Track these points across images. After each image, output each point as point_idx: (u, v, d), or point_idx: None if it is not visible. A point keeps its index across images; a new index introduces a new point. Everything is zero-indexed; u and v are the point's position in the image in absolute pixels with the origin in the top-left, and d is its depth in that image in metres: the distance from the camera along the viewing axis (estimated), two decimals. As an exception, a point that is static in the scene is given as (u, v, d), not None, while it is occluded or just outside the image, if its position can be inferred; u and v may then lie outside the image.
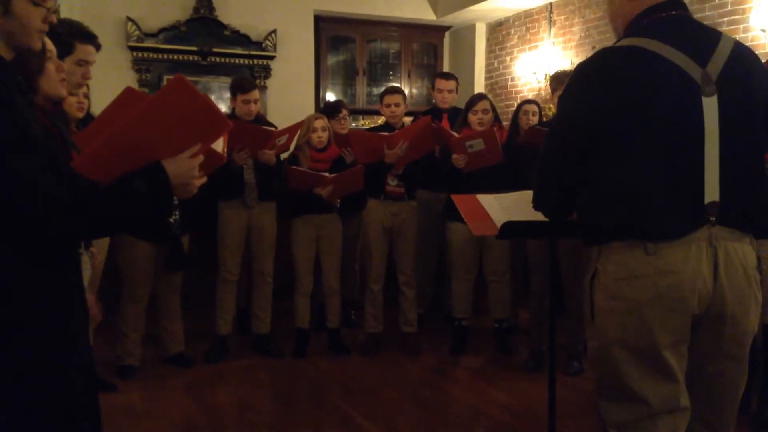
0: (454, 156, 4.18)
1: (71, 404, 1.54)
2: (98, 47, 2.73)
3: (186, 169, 1.57)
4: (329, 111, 5.03)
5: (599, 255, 1.75)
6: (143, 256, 3.97)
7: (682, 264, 1.64)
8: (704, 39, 1.74)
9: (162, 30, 6.98)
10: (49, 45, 2.03)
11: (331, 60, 8.08)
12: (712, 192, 1.66)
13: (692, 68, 1.67)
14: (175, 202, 3.93)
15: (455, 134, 4.25)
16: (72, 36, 2.60)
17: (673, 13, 1.76)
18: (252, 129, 4.13)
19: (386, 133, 4.37)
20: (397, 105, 4.62)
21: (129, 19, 6.80)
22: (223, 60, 7.20)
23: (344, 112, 5.03)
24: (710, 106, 1.66)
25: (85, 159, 1.50)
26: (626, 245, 1.68)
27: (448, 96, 4.95)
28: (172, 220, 3.96)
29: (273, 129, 4.28)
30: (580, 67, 1.80)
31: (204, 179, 1.63)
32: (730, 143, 1.67)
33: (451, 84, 4.97)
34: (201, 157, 1.60)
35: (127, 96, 1.78)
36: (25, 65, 1.56)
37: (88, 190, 1.47)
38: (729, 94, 1.68)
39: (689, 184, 1.67)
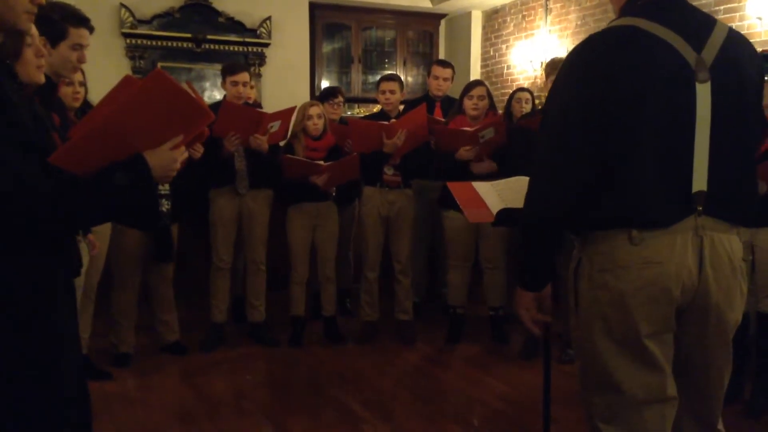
0: (464, 149, 4.15)
1: (59, 396, 1.53)
2: (91, 30, 2.70)
3: (167, 161, 1.57)
4: (325, 95, 5.02)
5: (584, 244, 1.73)
6: (132, 244, 3.96)
7: (668, 254, 1.62)
8: (699, 24, 1.70)
9: (156, 17, 6.92)
10: (31, 30, 1.99)
11: (326, 47, 8.03)
12: (700, 181, 1.63)
13: (688, 52, 1.63)
14: (167, 192, 3.96)
15: (467, 129, 4.20)
16: (65, 21, 2.57)
17: None
18: (241, 110, 4.11)
19: (385, 122, 4.36)
20: (392, 92, 4.61)
21: (123, 5, 6.74)
22: (217, 47, 7.15)
23: (340, 97, 5.01)
24: (703, 93, 1.62)
25: (63, 154, 1.49)
26: (611, 234, 1.65)
27: (443, 84, 4.95)
28: (164, 209, 3.95)
29: (264, 111, 4.25)
30: (575, 54, 1.71)
31: (185, 155, 1.63)
32: (720, 132, 1.64)
33: (448, 72, 4.96)
34: (183, 149, 1.61)
35: (125, 85, 1.77)
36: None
37: (70, 182, 1.46)
38: (722, 82, 1.64)
39: (677, 173, 1.63)
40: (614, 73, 1.61)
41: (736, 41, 1.72)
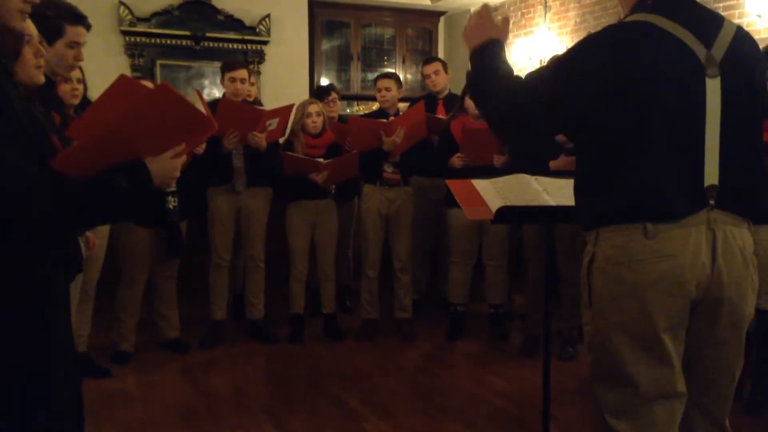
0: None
1: (49, 393, 1.53)
2: (88, 27, 2.69)
3: (168, 169, 1.57)
4: (319, 93, 5.04)
5: (597, 239, 1.73)
6: (142, 242, 3.97)
7: (681, 248, 1.63)
8: (708, 20, 1.72)
9: (155, 14, 6.92)
10: (30, 29, 1.98)
11: (326, 45, 8.03)
12: (711, 175, 1.65)
13: (698, 48, 1.66)
14: (173, 189, 3.98)
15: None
16: (61, 18, 2.56)
17: None
18: (240, 107, 4.11)
19: (384, 120, 4.37)
20: (387, 89, 4.62)
21: (122, 3, 6.74)
22: (216, 45, 7.15)
23: (334, 95, 5.04)
24: (713, 89, 1.65)
25: (66, 158, 1.49)
26: (625, 229, 1.67)
27: (436, 79, 4.96)
28: (171, 207, 3.95)
29: (262, 108, 4.25)
30: (588, 42, 1.73)
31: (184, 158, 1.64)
32: (730, 127, 1.66)
33: (435, 66, 4.97)
34: (184, 157, 1.62)
35: (120, 84, 1.78)
36: None
37: (69, 184, 1.46)
38: (731, 78, 1.66)
39: (690, 167, 1.65)
40: (626, 68, 1.63)
41: (745, 39, 1.75)
